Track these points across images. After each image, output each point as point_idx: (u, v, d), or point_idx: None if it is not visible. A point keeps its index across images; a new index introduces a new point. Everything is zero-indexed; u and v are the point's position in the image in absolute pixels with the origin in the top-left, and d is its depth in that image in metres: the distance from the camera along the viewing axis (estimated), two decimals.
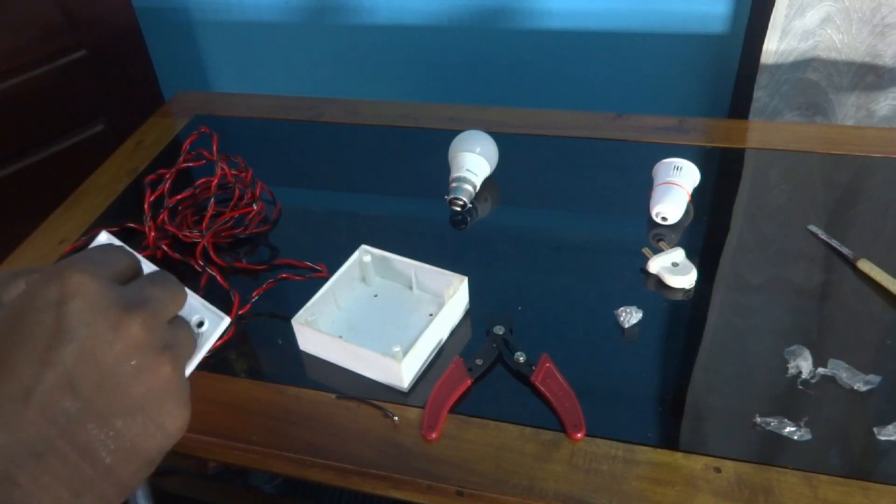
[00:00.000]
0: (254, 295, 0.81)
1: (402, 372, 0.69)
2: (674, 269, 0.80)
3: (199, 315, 0.41)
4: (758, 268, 0.82)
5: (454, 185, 0.93)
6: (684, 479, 0.61)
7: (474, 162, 0.94)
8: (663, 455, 0.63)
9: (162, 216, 0.89)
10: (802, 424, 0.64)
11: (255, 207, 0.92)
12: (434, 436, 0.66)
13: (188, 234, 0.88)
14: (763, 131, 1.07)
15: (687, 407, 0.68)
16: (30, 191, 1.48)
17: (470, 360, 0.71)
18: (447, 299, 0.75)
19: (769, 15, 1.35)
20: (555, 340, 0.74)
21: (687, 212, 0.89)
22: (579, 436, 0.64)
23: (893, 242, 0.84)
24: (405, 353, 0.69)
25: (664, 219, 0.88)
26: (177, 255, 0.87)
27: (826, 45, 1.37)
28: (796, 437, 0.63)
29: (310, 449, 0.66)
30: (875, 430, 0.63)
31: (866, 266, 0.79)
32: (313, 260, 0.85)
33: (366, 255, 0.80)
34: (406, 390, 0.70)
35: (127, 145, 1.13)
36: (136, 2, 1.60)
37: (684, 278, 0.79)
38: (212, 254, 0.86)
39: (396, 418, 0.68)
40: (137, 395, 0.34)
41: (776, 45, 1.39)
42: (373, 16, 1.68)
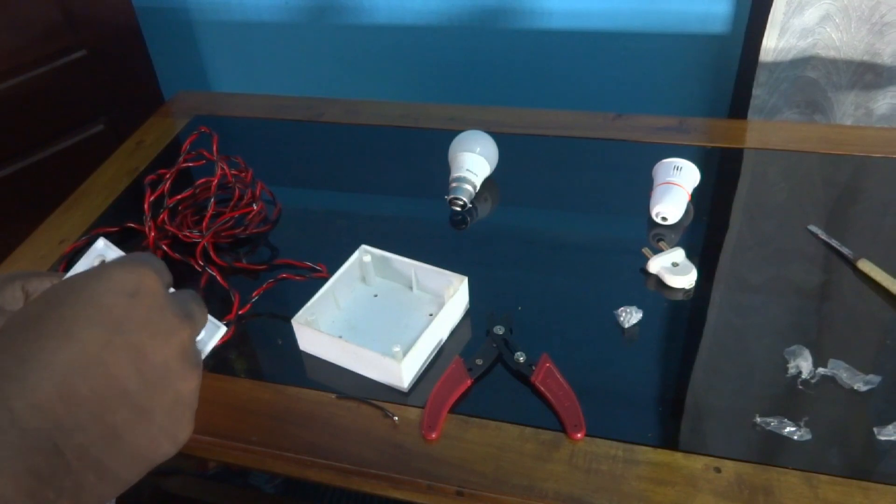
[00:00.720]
0: (254, 295, 0.81)
1: (402, 372, 0.69)
2: (674, 269, 0.80)
3: None
4: (758, 268, 0.82)
5: (454, 185, 0.93)
6: (684, 479, 0.61)
7: (474, 162, 0.94)
8: (663, 455, 0.63)
9: (162, 216, 0.89)
10: (802, 424, 0.64)
11: (255, 207, 0.92)
12: (434, 436, 0.66)
13: (188, 234, 0.88)
14: (763, 131, 1.07)
15: (687, 407, 0.68)
16: (30, 191, 1.48)
17: (470, 360, 0.71)
18: (447, 299, 0.75)
19: (768, 12, 1.35)
20: (555, 340, 0.74)
21: (687, 212, 0.89)
22: (579, 436, 0.64)
23: (893, 242, 0.84)
24: (405, 353, 0.69)
25: (664, 219, 0.88)
26: (177, 255, 0.87)
27: (825, 43, 1.37)
28: (796, 437, 0.63)
29: (310, 449, 0.66)
30: (875, 430, 0.63)
31: (866, 266, 0.79)
32: (313, 260, 0.85)
33: (366, 255, 0.80)
34: (406, 390, 0.70)
35: (127, 145, 1.13)
36: (136, 2, 1.60)
37: (684, 278, 0.79)
38: (212, 254, 0.86)
39: (396, 418, 0.68)
40: (170, 399, 0.36)
41: (775, 43, 1.38)
42: (373, 16, 1.67)
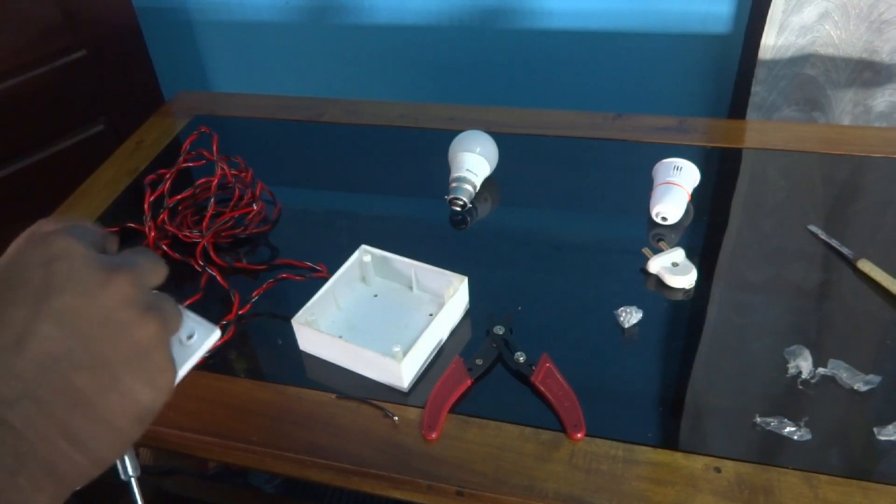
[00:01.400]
0: (254, 295, 0.81)
1: (402, 372, 0.69)
2: (674, 269, 0.80)
3: (188, 328, 0.41)
4: (758, 267, 0.82)
5: (454, 185, 0.93)
6: (684, 479, 0.61)
7: (474, 162, 0.94)
8: (663, 455, 0.63)
9: (162, 216, 0.89)
10: (802, 424, 0.64)
11: (255, 207, 0.92)
12: (434, 436, 0.66)
13: (188, 234, 0.88)
14: (763, 131, 1.07)
15: (687, 407, 0.68)
16: (30, 191, 1.48)
17: (470, 360, 0.71)
18: (447, 299, 0.75)
19: (767, 10, 1.35)
20: (555, 340, 0.74)
21: (687, 212, 0.89)
22: (579, 436, 0.64)
23: (893, 242, 0.84)
24: (405, 353, 0.69)
25: (664, 219, 0.88)
26: (177, 255, 0.87)
27: (824, 40, 1.37)
28: (796, 437, 0.63)
29: (310, 449, 0.66)
30: (875, 430, 0.63)
31: (866, 266, 0.79)
32: (313, 260, 0.85)
33: (366, 255, 0.80)
34: (406, 390, 0.70)
35: (127, 145, 1.13)
36: (136, 2, 1.60)
37: (684, 278, 0.79)
38: (212, 254, 0.86)
39: (396, 418, 0.68)
40: (127, 348, 0.35)
41: (774, 41, 1.38)
42: (373, 16, 1.67)
